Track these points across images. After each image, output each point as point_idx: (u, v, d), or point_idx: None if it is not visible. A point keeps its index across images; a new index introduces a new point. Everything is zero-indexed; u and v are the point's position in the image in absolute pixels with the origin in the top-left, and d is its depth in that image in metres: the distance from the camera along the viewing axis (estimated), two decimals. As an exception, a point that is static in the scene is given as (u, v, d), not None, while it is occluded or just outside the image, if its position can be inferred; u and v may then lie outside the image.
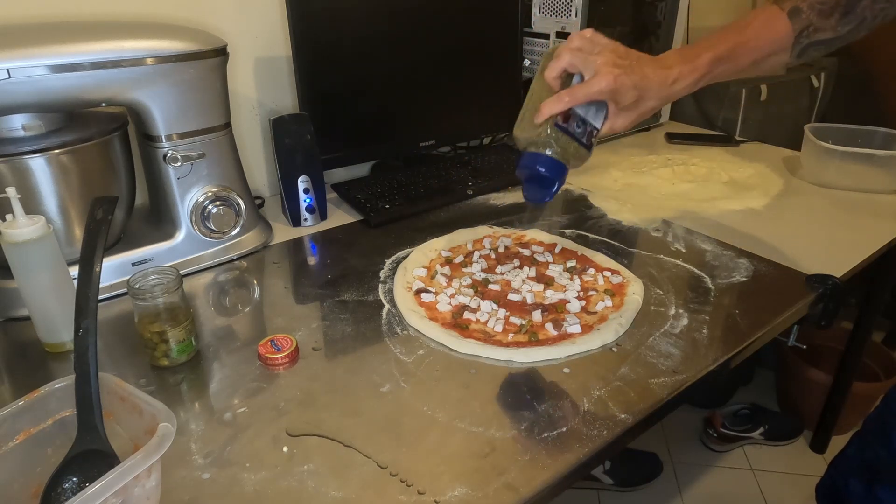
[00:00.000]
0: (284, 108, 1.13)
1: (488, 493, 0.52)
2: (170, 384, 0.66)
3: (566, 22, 1.26)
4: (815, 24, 0.64)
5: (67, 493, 0.49)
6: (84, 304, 0.50)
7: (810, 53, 0.66)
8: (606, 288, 0.81)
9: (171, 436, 0.46)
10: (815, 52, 0.66)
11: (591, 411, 0.60)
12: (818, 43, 0.65)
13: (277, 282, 0.86)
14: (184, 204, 0.85)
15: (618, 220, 1.03)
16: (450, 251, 0.91)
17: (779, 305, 0.77)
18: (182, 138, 0.82)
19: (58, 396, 0.52)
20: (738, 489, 1.47)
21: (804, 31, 0.65)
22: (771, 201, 1.10)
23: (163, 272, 0.68)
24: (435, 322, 0.74)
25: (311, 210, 1.01)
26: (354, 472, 0.54)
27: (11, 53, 0.67)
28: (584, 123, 0.65)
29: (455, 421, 0.59)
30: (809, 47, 0.66)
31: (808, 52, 0.66)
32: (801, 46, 0.65)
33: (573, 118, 0.64)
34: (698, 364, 0.67)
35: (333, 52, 1.03)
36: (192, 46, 0.78)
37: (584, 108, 0.65)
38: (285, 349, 0.68)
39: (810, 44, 0.65)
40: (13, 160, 0.71)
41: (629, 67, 0.62)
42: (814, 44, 0.65)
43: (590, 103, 0.65)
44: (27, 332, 0.73)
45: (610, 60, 0.62)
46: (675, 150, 1.37)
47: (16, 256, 0.66)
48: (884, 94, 1.82)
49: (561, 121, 0.64)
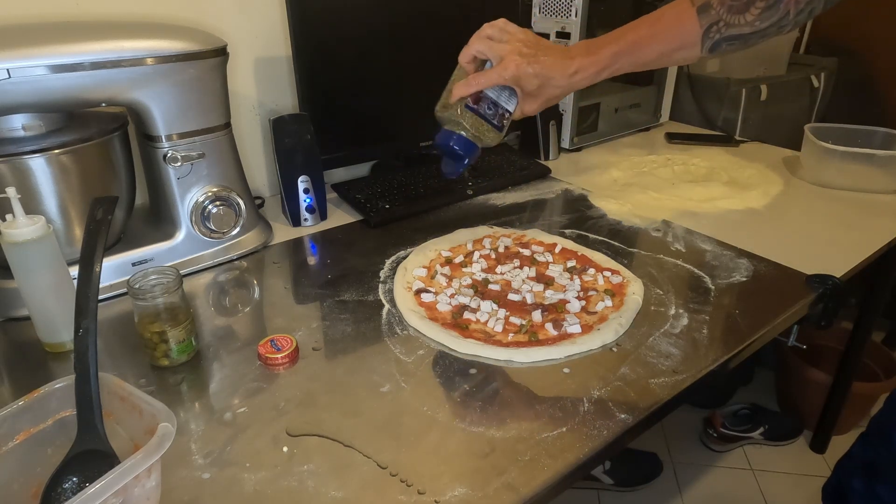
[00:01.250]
0: (284, 108, 1.13)
1: (488, 493, 0.52)
2: (170, 384, 0.66)
3: (566, 22, 1.26)
4: (725, 20, 0.64)
5: (67, 493, 0.49)
6: (84, 304, 0.50)
7: (725, 48, 0.66)
8: (606, 288, 0.81)
9: (171, 436, 0.46)
10: (730, 47, 0.66)
11: (591, 411, 0.60)
12: (732, 38, 0.65)
13: (277, 282, 0.86)
14: (184, 204, 0.85)
15: (618, 220, 1.03)
16: (450, 251, 0.91)
17: (779, 305, 0.77)
18: (182, 138, 0.82)
19: (58, 396, 0.52)
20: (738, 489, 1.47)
21: (713, 26, 0.65)
22: (771, 201, 1.10)
23: (163, 272, 0.68)
24: (435, 322, 0.74)
25: (311, 210, 1.01)
26: (354, 472, 0.54)
27: (11, 53, 0.67)
28: (496, 106, 0.72)
29: (455, 421, 0.60)
30: (722, 42, 0.65)
31: (722, 46, 0.66)
32: (712, 41, 0.65)
33: (484, 100, 0.71)
34: (698, 364, 0.67)
35: (333, 52, 1.03)
36: (192, 46, 0.78)
37: (495, 92, 0.72)
38: (285, 349, 0.68)
39: (722, 38, 0.65)
40: (13, 160, 0.71)
41: (532, 56, 0.67)
42: (726, 39, 0.65)
43: (501, 88, 0.71)
44: (27, 332, 0.73)
45: (515, 49, 0.67)
46: (675, 150, 1.37)
47: (16, 256, 0.66)
48: (884, 94, 1.82)
49: (471, 102, 0.71)
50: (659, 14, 0.68)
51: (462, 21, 1.17)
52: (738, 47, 0.66)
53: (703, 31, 0.65)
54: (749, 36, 0.65)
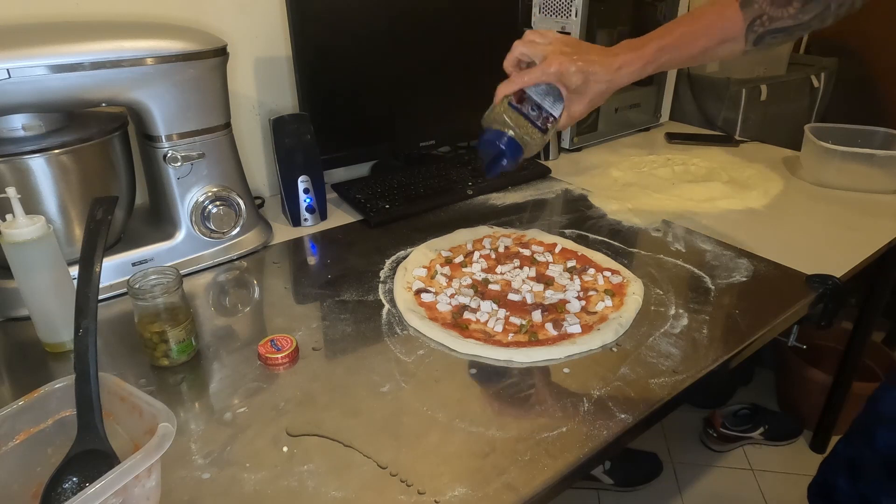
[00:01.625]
0: (284, 108, 1.13)
1: (488, 493, 0.52)
2: (170, 384, 0.66)
3: (566, 22, 1.26)
4: (769, 14, 0.64)
5: (67, 493, 0.49)
6: (84, 304, 0.50)
7: (769, 41, 0.66)
8: (606, 288, 0.81)
9: (171, 436, 0.46)
10: (773, 40, 0.66)
11: (591, 411, 0.60)
12: (776, 31, 0.65)
13: (277, 282, 0.86)
14: (184, 204, 0.85)
15: (618, 220, 1.03)
16: (450, 251, 0.91)
17: (779, 305, 0.77)
18: (182, 138, 0.82)
19: (58, 396, 0.52)
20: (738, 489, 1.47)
21: (757, 20, 0.65)
22: (771, 201, 1.10)
23: (163, 272, 0.68)
24: (435, 322, 0.74)
25: (311, 210, 1.01)
26: (354, 472, 0.54)
27: (11, 53, 0.67)
28: (540, 109, 0.72)
29: (455, 421, 0.60)
30: (766, 35, 0.65)
31: (766, 40, 0.66)
32: (756, 34, 0.65)
33: (527, 101, 0.71)
34: (698, 364, 0.67)
35: (333, 52, 1.03)
36: (192, 46, 0.78)
37: (539, 95, 0.72)
38: (285, 349, 0.68)
39: (766, 32, 0.65)
40: (13, 160, 0.71)
41: (575, 53, 0.68)
42: (770, 32, 0.65)
43: (546, 91, 0.71)
44: (27, 332, 0.73)
45: (557, 49, 0.68)
46: (675, 150, 1.37)
47: (16, 256, 0.66)
48: (884, 94, 1.82)
49: (514, 100, 0.71)
50: (700, 11, 0.69)
51: (462, 21, 1.18)
52: (783, 40, 0.67)
53: (748, 24, 0.65)
54: (793, 28, 0.65)
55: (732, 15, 0.66)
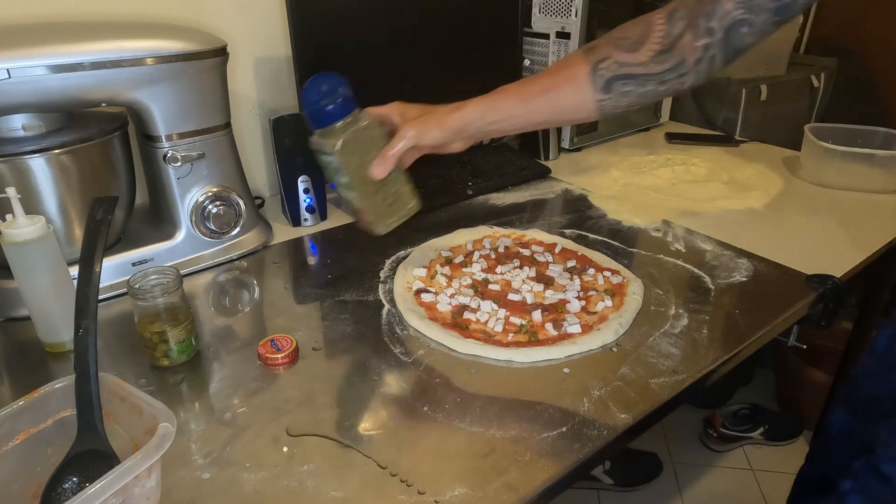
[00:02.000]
0: (284, 108, 1.13)
1: (488, 493, 0.52)
2: (170, 384, 0.66)
3: (566, 22, 1.26)
4: (615, 58, 0.61)
5: (67, 493, 0.49)
6: (84, 304, 0.50)
7: (621, 90, 0.62)
8: (606, 288, 0.81)
9: (171, 436, 0.46)
10: (626, 88, 0.62)
11: (591, 411, 0.60)
12: (625, 78, 0.61)
13: (277, 282, 0.86)
14: (184, 204, 0.85)
15: (618, 220, 1.03)
16: (450, 251, 0.91)
17: (779, 305, 0.77)
18: (182, 138, 0.82)
19: (58, 396, 0.52)
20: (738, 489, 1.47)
21: (601, 63, 0.62)
22: (771, 201, 1.10)
23: (163, 272, 0.68)
24: (435, 322, 0.74)
25: (311, 210, 1.01)
26: (354, 472, 0.54)
27: (11, 53, 0.67)
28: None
29: (455, 421, 0.59)
30: (615, 81, 0.62)
31: (616, 87, 0.62)
32: (604, 79, 0.62)
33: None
34: (698, 364, 0.67)
35: (333, 52, 1.03)
36: (192, 46, 0.78)
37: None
38: (285, 349, 0.68)
39: (614, 77, 0.62)
40: (13, 160, 0.71)
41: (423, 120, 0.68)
42: (619, 78, 0.62)
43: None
44: (27, 332, 0.73)
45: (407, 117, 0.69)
46: (675, 150, 1.37)
47: (16, 256, 0.66)
48: (884, 94, 1.82)
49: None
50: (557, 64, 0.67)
51: (462, 21, 1.18)
52: (636, 90, 0.62)
53: (592, 66, 0.62)
54: (643, 78, 0.61)
55: (577, 60, 0.63)
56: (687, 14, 0.59)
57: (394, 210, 0.74)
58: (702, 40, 0.58)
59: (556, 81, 0.64)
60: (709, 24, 0.57)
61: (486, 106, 0.65)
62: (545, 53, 1.32)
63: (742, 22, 0.56)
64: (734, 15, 0.56)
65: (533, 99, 0.64)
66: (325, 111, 0.68)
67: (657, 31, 0.60)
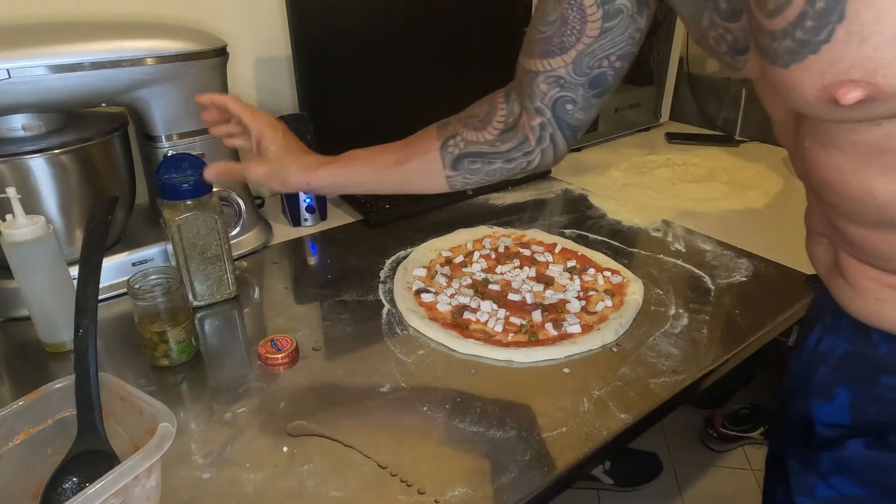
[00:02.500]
0: (284, 108, 1.13)
1: (488, 493, 0.52)
2: (170, 384, 0.66)
3: (566, 22, 1.25)
4: (463, 136, 0.61)
5: (67, 493, 0.49)
6: (84, 304, 0.50)
7: (469, 167, 0.62)
8: (606, 288, 0.81)
9: (171, 436, 0.46)
10: (473, 166, 0.62)
11: (591, 411, 0.60)
12: (473, 156, 0.61)
13: (277, 282, 0.86)
14: (184, 204, 0.85)
15: (618, 220, 1.03)
16: (450, 251, 0.91)
17: (779, 305, 0.77)
18: (182, 138, 0.82)
19: (58, 396, 0.52)
20: (738, 489, 1.47)
21: (450, 140, 0.62)
22: (771, 201, 1.10)
23: (163, 272, 0.68)
24: (435, 322, 0.74)
25: (311, 210, 1.01)
26: (354, 472, 0.54)
27: (11, 53, 0.67)
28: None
29: (455, 421, 0.59)
30: (463, 159, 0.61)
31: (464, 164, 0.61)
32: (453, 156, 0.62)
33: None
34: (698, 364, 0.67)
35: (333, 52, 1.03)
36: (192, 46, 0.78)
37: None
38: (285, 349, 0.68)
39: (462, 154, 0.61)
40: (13, 160, 0.71)
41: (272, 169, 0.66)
42: (467, 155, 0.61)
43: None
44: (27, 332, 0.73)
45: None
46: (675, 150, 1.37)
47: (16, 256, 0.66)
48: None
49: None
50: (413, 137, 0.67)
51: (462, 21, 1.18)
52: (484, 168, 0.62)
53: (442, 143, 0.62)
54: (490, 156, 0.61)
55: (429, 135, 0.64)
56: (518, 95, 0.59)
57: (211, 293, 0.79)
58: (536, 119, 0.58)
59: (407, 154, 0.64)
60: (535, 105, 0.57)
61: (336, 173, 0.65)
62: (545, 53, 1.32)
63: (564, 99, 0.56)
64: (552, 94, 0.56)
65: (384, 170, 0.65)
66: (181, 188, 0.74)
67: (499, 111, 0.61)
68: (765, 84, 0.43)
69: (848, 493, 0.49)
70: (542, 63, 0.55)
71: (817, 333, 0.53)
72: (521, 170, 0.62)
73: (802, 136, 0.42)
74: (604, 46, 0.52)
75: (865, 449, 0.47)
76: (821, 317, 0.54)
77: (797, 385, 0.57)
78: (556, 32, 0.53)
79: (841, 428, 0.50)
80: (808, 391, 0.54)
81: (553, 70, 0.54)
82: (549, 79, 0.55)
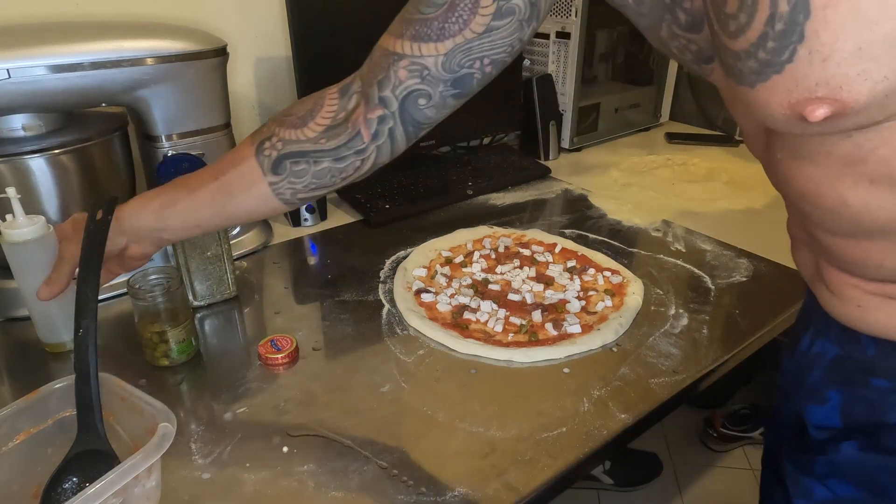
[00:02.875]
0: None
1: (488, 493, 0.52)
2: (170, 384, 0.66)
3: (566, 22, 1.26)
4: (280, 136, 0.56)
5: (67, 493, 0.49)
6: (84, 304, 0.50)
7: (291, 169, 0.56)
8: (606, 288, 0.81)
9: (171, 436, 0.46)
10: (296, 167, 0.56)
11: (591, 411, 0.60)
12: (294, 155, 0.55)
13: (277, 282, 0.86)
14: (184, 204, 0.85)
15: (618, 220, 1.03)
16: (450, 251, 0.91)
17: (779, 305, 0.77)
18: (182, 138, 0.82)
19: (58, 396, 0.52)
20: (738, 489, 1.47)
21: (266, 142, 0.56)
22: (771, 201, 1.10)
23: (163, 272, 0.68)
24: (435, 322, 0.74)
25: (311, 210, 1.01)
26: (354, 472, 0.54)
27: (11, 53, 0.67)
28: None
29: (455, 421, 0.59)
30: (283, 160, 0.56)
31: (285, 166, 0.56)
32: (270, 159, 0.56)
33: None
34: (698, 364, 0.67)
35: (333, 52, 1.03)
36: (192, 46, 0.78)
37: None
38: (285, 349, 0.68)
39: (281, 156, 0.56)
40: (13, 160, 0.71)
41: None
42: (287, 156, 0.56)
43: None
44: (27, 332, 0.73)
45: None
46: (675, 150, 1.37)
47: (16, 256, 0.66)
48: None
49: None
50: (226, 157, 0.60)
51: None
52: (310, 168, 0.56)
53: (256, 146, 0.56)
54: (315, 154, 0.55)
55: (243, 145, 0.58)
56: (361, 87, 0.55)
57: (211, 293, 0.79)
58: (376, 112, 0.54)
59: (221, 168, 0.58)
60: (382, 94, 0.53)
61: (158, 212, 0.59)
62: (545, 53, 1.32)
63: (419, 93, 0.52)
64: (409, 84, 0.52)
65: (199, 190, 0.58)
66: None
67: (328, 106, 0.56)
68: (732, 96, 0.42)
69: (844, 495, 0.49)
70: (413, 47, 0.50)
71: (810, 335, 0.53)
72: (353, 170, 0.57)
73: (774, 149, 0.41)
74: (482, 46, 0.48)
75: (858, 451, 0.47)
76: (812, 319, 0.54)
77: (789, 387, 0.57)
78: (438, 16, 0.48)
79: (833, 430, 0.50)
80: (801, 393, 0.54)
81: (421, 57, 0.50)
82: (413, 67, 0.51)
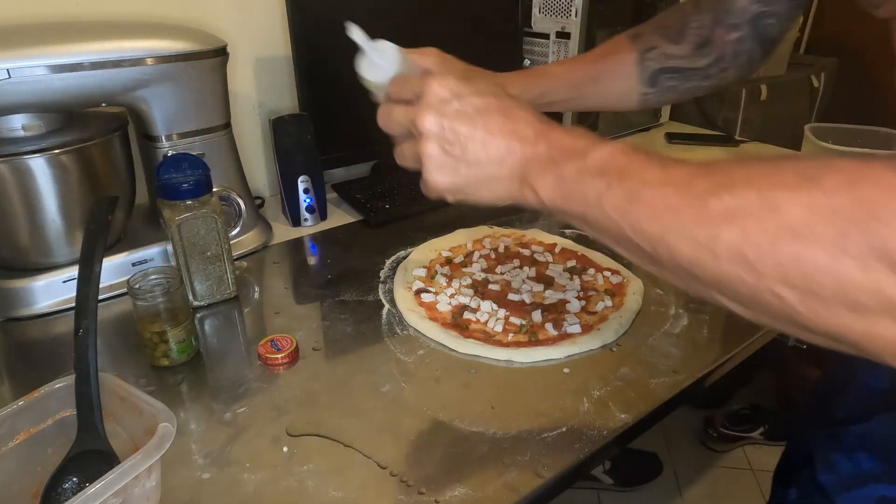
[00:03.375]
0: (284, 108, 1.13)
1: (488, 493, 0.52)
2: (170, 384, 0.66)
3: (566, 22, 1.26)
4: (662, 48, 0.58)
5: (67, 493, 0.49)
6: (84, 304, 0.50)
7: (666, 84, 0.58)
8: (606, 288, 0.81)
9: (171, 436, 0.46)
10: (670, 82, 0.58)
11: (591, 411, 0.60)
12: (672, 71, 0.58)
13: (277, 282, 0.86)
14: (184, 204, 0.85)
15: (618, 220, 1.03)
16: (450, 251, 0.91)
17: (779, 305, 0.77)
18: (182, 138, 0.82)
19: (58, 396, 0.52)
20: (738, 489, 1.47)
21: (649, 52, 0.58)
22: (771, 201, 1.10)
23: (163, 272, 0.68)
24: (435, 322, 0.74)
25: (311, 210, 1.01)
26: (354, 472, 0.54)
27: (11, 53, 0.67)
28: None
29: (455, 421, 0.59)
30: (661, 74, 0.58)
31: (661, 80, 0.58)
32: (650, 71, 0.58)
33: None
34: (698, 364, 0.67)
35: (334, 52, 1.03)
36: (192, 46, 0.78)
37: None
38: (285, 349, 0.68)
39: (661, 69, 0.58)
40: (13, 160, 0.71)
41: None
42: (666, 70, 0.58)
43: None
44: (27, 332, 0.73)
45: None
46: (675, 150, 1.37)
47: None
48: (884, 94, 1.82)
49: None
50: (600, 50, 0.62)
51: (462, 21, 1.18)
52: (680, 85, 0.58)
53: (639, 55, 0.58)
54: (688, 72, 0.58)
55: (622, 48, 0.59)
56: (712, 6, 0.56)
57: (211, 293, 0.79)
58: (733, 34, 0.55)
59: (599, 69, 0.60)
60: (732, 21, 0.55)
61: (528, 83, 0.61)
62: (545, 53, 1.32)
63: (763, 14, 0.54)
64: (752, 10, 0.54)
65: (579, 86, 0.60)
66: (181, 188, 0.73)
67: (692, 22, 0.57)
68: None
69: (867, 469, 0.49)
70: None
71: None
72: (714, 87, 0.59)
73: None
74: None
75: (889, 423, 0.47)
76: None
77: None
78: None
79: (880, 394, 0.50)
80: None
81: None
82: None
